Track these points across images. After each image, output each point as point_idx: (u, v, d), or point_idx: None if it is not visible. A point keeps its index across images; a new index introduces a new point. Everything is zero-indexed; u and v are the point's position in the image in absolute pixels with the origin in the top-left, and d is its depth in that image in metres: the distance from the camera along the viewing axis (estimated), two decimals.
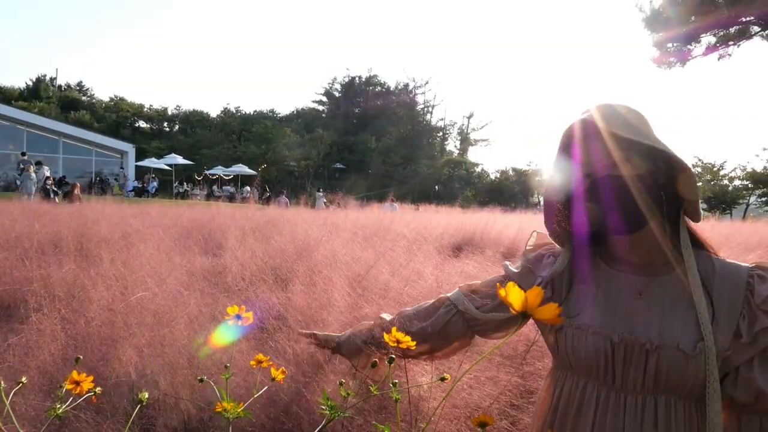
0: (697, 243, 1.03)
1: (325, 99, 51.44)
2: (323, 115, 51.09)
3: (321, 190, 25.60)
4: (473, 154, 51.51)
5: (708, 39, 10.35)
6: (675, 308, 0.98)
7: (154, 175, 28.70)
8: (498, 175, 42.92)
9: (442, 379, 0.77)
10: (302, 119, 50.21)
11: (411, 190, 33.79)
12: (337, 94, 50.66)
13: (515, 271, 1.21)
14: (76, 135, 28.48)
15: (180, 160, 30.63)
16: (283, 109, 65.54)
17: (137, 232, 3.92)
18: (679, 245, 1.00)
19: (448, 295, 1.30)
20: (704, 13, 9.39)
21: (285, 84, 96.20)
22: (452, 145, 48.36)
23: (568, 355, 1.06)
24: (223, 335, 0.99)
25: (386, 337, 0.76)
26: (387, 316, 1.40)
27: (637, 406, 0.97)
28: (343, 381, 0.78)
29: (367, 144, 42.80)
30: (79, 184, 15.57)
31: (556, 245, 1.17)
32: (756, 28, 9.98)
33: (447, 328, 1.27)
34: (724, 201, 26.20)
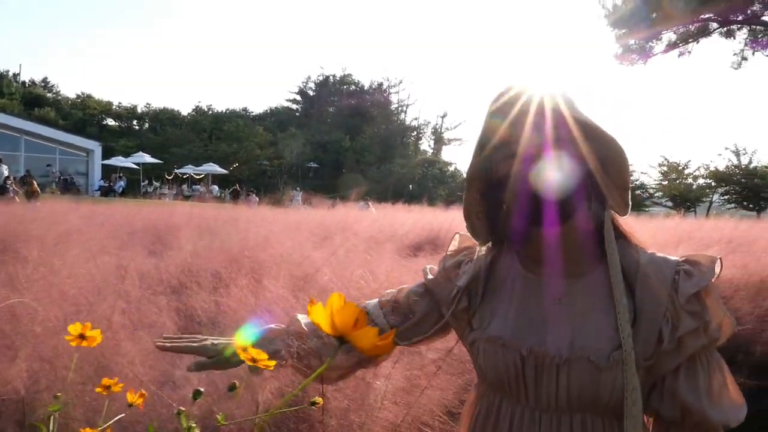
0: (625, 237, 0.91)
1: (299, 98, 50.96)
2: (297, 114, 50.59)
3: (298, 189, 25.28)
4: (447, 154, 51.78)
5: (668, 36, 10.56)
6: (592, 313, 0.85)
7: (121, 174, 27.98)
8: None
9: (313, 404, 0.64)
10: (276, 118, 49.61)
11: (385, 189, 33.68)
12: (311, 93, 50.23)
13: (431, 278, 1.06)
14: (39, 132, 27.56)
15: (148, 158, 29.99)
16: (257, 108, 64.49)
17: (78, 231, 3.70)
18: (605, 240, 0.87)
19: (368, 307, 1.10)
20: (664, 10, 9.54)
21: (259, 82, 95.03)
22: (426, 145, 48.47)
23: (481, 369, 0.94)
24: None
25: (241, 354, 0.63)
26: (303, 318, 1.11)
27: (552, 425, 0.85)
28: (183, 410, 0.63)
29: (341, 143, 42.53)
30: (34, 181, 15.04)
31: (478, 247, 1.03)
32: (714, 25, 10.20)
33: None
34: (688, 199, 26.89)
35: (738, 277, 3.38)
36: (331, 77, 49.74)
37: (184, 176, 31.98)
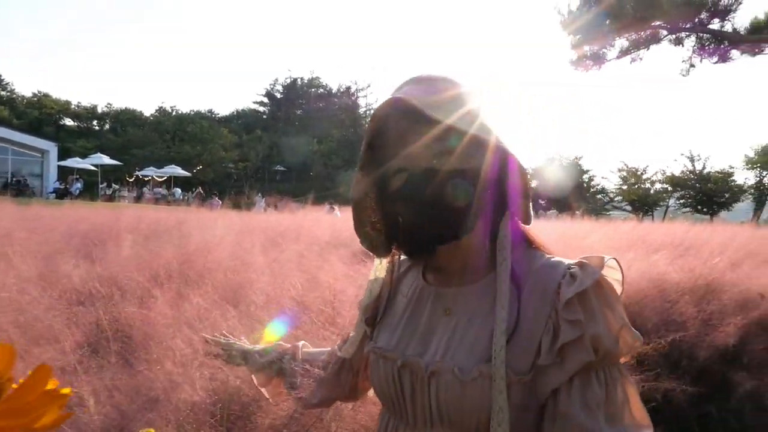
0: (529, 244, 0.84)
1: (266, 100, 50.36)
2: (264, 116, 49.99)
3: (261, 194, 24.90)
4: None
5: (621, 43, 10.83)
6: (474, 322, 0.78)
7: (78, 176, 27.01)
8: None
9: None
10: (242, 120, 48.92)
11: None
12: (278, 96, 49.71)
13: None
14: None
15: (107, 160, 29.05)
16: (223, 110, 63.53)
17: (6, 236, 3.46)
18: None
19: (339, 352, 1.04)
20: (617, 17, 9.78)
21: (225, 84, 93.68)
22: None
23: (371, 383, 0.89)
24: None
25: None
26: (307, 348, 1.14)
27: None
28: None
29: (308, 146, 42.21)
30: None
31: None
32: (664, 33, 10.52)
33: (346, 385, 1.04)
34: (646, 203, 27.82)
35: (685, 281, 3.41)
36: (299, 80, 49.37)
37: (146, 178, 31.17)
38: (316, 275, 2.75)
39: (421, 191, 0.77)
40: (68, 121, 44.08)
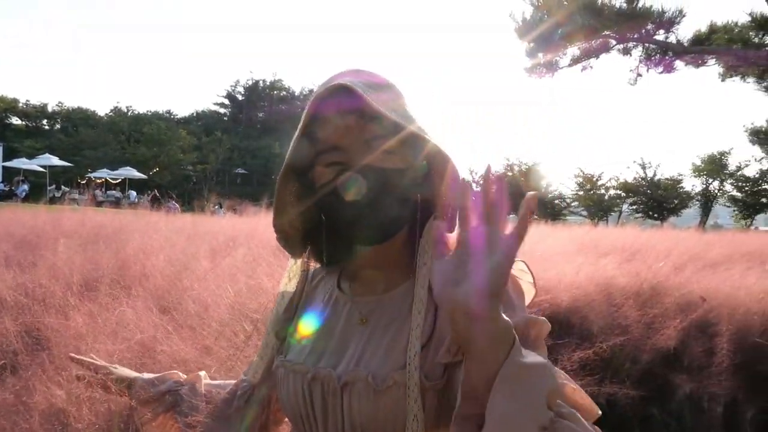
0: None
1: (227, 102, 49.45)
2: (225, 118, 49.05)
3: (219, 204, 24.29)
4: None
5: (572, 51, 11.16)
6: (391, 329, 0.75)
7: (23, 177, 25.76)
8: None
9: None
10: (202, 122, 47.81)
11: None
12: (240, 98, 48.90)
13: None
14: None
15: (56, 161, 27.87)
16: (182, 111, 62.00)
17: None
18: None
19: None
20: (568, 26, 10.08)
21: (185, 85, 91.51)
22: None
23: (280, 401, 0.82)
24: None
25: None
26: (204, 379, 1.01)
27: None
28: None
29: (270, 149, 41.66)
30: None
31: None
32: (613, 42, 10.90)
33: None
34: (601, 209, 28.70)
35: (630, 285, 3.48)
36: (261, 82, 48.71)
37: (100, 180, 30.05)
38: (262, 281, 2.65)
39: (358, 189, 0.73)
40: (15, 120, 42.08)
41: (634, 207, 29.32)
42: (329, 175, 0.75)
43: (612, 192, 29.60)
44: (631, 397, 2.33)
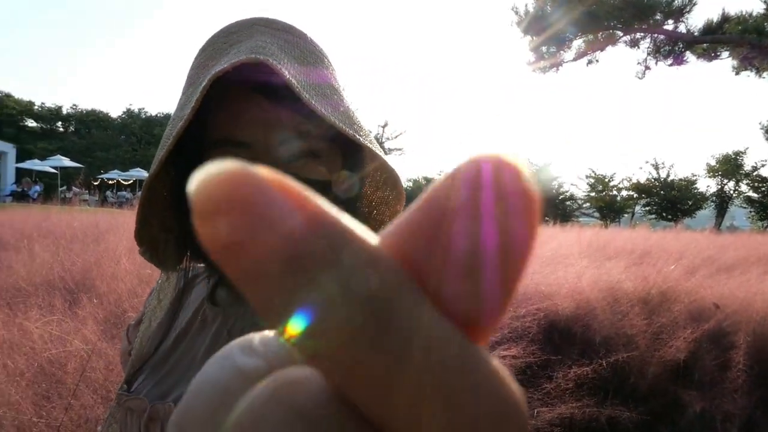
0: None
1: None
2: None
3: None
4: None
5: (577, 44, 10.82)
6: None
7: (36, 179, 26.04)
8: (410, 185, 43.60)
9: None
10: None
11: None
12: None
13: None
14: None
15: (67, 162, 28.15)
16: None
17: None
18: None
19: None
20: (572, 18, 9.77)
21: None
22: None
23: None
24: None
25: None
26: None
27: None
28: None
29: None
30: None
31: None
32: (620, 34, 10.54)
33: None
34: (613, 210, 28.31)
35: (638, 291, 3.24)
36: None
37: (111, 182, 30.36)
38: None
39: None
40: (31, 122, 42.63)
41: (647, 208, 28.90)
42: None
43: (624, 193, 29.20)
44: (635, 415, 2.09)
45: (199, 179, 0.10)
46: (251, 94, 0.55)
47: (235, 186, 0.10)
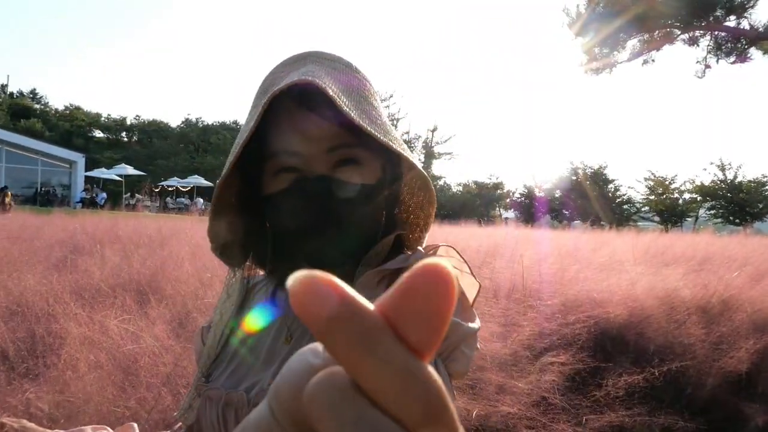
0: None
1: None
2: None
3: None
4: (437, 167, 51.76)
5: (632, 44, 10.40)
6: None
7: (100, 186, 27.72)
8: (460, 189, 43.16)
9: None
10: None
11: None
12: None
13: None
14: (21, 143, 27.25)
15: (131, 170, 29.76)
16: None
17: None
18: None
19: None
20: (626, 17, 9.38)
21: (251, 96, 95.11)
22: (417, 159, 48.28)
23: None
24: None
25: None
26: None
27: None
28: None
29: None
30: (9, 192, 14.80)
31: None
32: (677, 32, 10.03)
33: None
34: (674, 213, 26.96)
35: (697, 298, 3.12)
36: None
37: (171, 188, 31.82)
38: None
39: (316, 204, 0.63)
40: (98, 133, 45.35)
41: (713, 212, 27.35)
42: (281, 183, 0.65)
43: (687, 196, 27.78)
44: (691, 425, 2.03)
45: (293, 281, 0.17)
46: (303, 111, 0.62)
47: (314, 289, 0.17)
